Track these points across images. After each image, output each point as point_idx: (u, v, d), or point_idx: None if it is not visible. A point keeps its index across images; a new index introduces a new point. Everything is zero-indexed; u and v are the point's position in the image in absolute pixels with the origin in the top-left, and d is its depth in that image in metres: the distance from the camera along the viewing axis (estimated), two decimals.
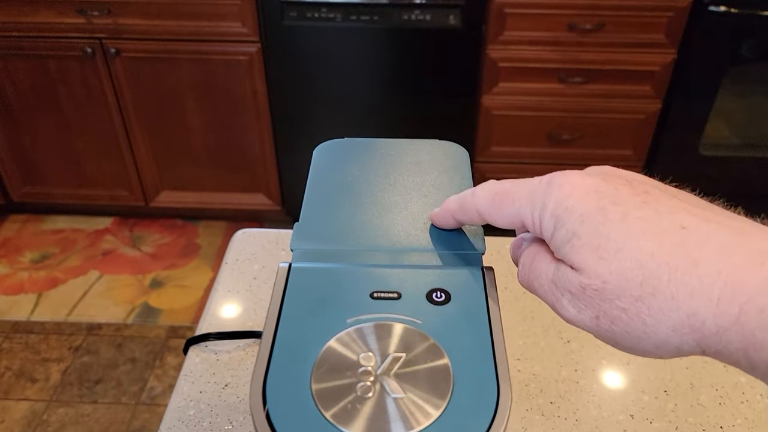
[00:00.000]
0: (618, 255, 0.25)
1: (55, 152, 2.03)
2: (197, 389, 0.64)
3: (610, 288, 0.26)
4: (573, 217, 0.27)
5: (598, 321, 0.27)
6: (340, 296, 0.32)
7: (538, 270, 0.30)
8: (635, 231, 0.25)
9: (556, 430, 0.60)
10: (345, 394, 0.27)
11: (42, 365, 1.76)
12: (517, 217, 0.30)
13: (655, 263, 0.25)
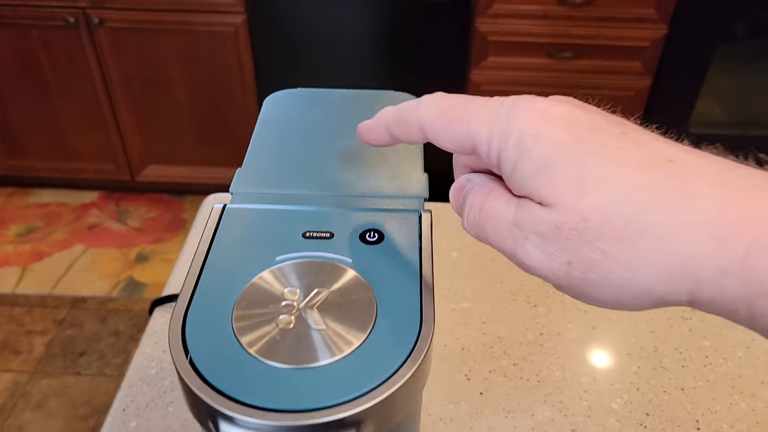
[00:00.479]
0: (601, 186, 0.22)
1: (39, 125, 2.01)
2: (160, 349, 0.63)
3: (590, 226, 0.22)
4: (543, 144, 0.23)
5: (570, 267, 0.23)
6: (271, 236, 0.31)
7: (492, 210, 0.26)
8: (619, 160, 0.22)
9: (517, 391, 0.60)
10: (266, 327, 0.26)
11: (26, 337, 1.75)
12: (468, 140, 0.25)
13: (644, 197, 0.21)
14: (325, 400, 0.24)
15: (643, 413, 0.59)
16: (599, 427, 0.57)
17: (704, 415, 0.58)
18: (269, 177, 0.36)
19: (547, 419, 0.58)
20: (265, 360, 0.25)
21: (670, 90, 1.89)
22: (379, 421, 0.25)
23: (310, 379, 0.25)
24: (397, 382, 0.25)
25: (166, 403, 0.58)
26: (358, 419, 0.24)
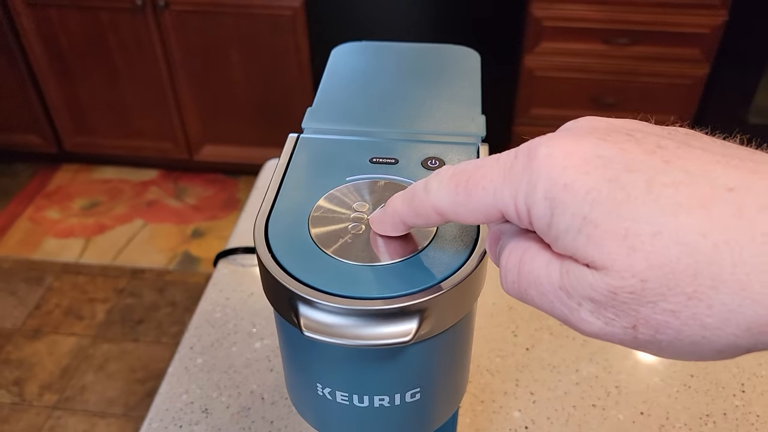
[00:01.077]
0: (656, 241, 0.19)
1: (105, 103, 2.11)
2: (224, 296, 0.68)
3: (651, 287, 0.19)
4: (578, 197, 0.20)
5: (636, 331, 0.20)
6: (341, 160, 0.34)
7: (533, 275, 0.22)
8: (671, 205, 0.19)
9: (563, 348, 0.62)
10: (339, 232, 0.30)
11: (89, 304, 1.85)
12: (493, 209, 0.23)
13: (710, 245, 0.18)
14: (389, 292, 0.27)
15: (687, 374, 0.60)
16: (642, 384, 0.59)
17: (750, 380, 0.59)
18: (337, 115, 0.39)
19: (592, 375, 0.60)
20: (339, 258, 0.28)
21: (730, 78, 1.85)
22: (437, 315, 0.27)
23: (377, 275, 0.28)
24: (455, 281, 0.27)
25: (229, 344, 0.63)
26: (420, 309, 0.27)
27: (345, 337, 0.26)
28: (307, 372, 0.31)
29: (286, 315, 0.28)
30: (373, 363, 0.29)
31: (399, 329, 0.26)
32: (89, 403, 1.59)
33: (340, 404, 0.31)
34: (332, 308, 0.26)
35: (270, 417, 0.56)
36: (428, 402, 0.32)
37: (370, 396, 0.30)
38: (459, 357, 0.32)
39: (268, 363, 0.61)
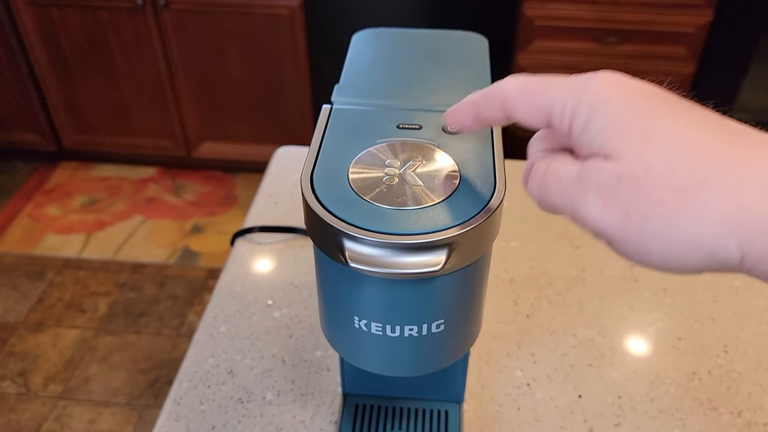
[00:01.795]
0: (667, 140, 0.23)
1: (104, 102, 2.14)
2: (243, 271, 0.72)
3: (652, 176, 0.23)
4: (615, 106, 0.25)
5: (627, 217, 0.24)
6: (372, 126, 0.39)
7: (557, 169, 0.27)
8: (685, 123, 0.24)
9: (561, 315, 0.67)
10: (375, 183, 0.34)
11: (90, 298, 1.88)
12: (545, 107, 0.27)
13: (708, 155, 0.23)
14: (423, 229, 0.31)
15: (676, 338, 0.65)
16: (634, 346, 0.64)
17: (732, 342, 0.64)
18: (363, 91, 0.44)
19: (588, 339, 0.64)
20: (376, 203, 0.33)
21: (715, 77, 1.91)
22: (462, 249, 0.32)
23: (411, 216, 0.32)
24: (477, 221, 0.32)
25: (250, 313, 0.67)
26: (448, 243, 0.31)
27: (384, 267, 0.31)
28: (346, 307, 0.36)
29: (332, 253, 0.33)
30: (406, 295, 0.34)
31: (431, 260, 0.31)
32: (93, 393, 1.62)
33: (374, 335, 0.36)
34: (374, 242, 0.31)
35: (291, 377, 0.61)
36: (450, 333, 0.37)
37: (401, 326, 0.35)
38: (476, 295, 0.37)
39: (287, 330, 0.65)
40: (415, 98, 0.43)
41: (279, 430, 0.56)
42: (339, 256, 0.32)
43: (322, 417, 0.57)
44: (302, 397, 0.59)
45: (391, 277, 0.32)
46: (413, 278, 0.33)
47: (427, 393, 0.55)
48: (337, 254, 0.32)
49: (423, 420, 0.54)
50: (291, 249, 0.75)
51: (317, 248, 0.35)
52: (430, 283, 0.33)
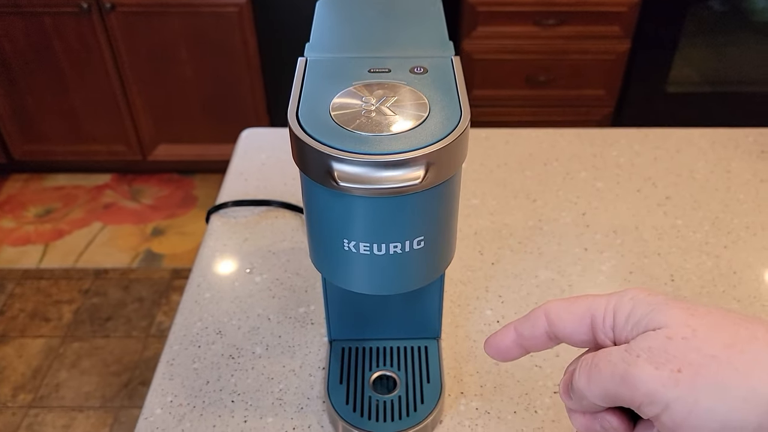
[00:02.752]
0: (709, 312, 0.26)
1: (53, 109, 2.12)
2: (221, 243, 0.75)
3: (700, 335, 0.25)
4: (655, 298, 0.28)
5: (680, 374, 0.25)
6: (346, 72, 0.43)
7: (605, 353, 0.28)
8: (726, 313, 0.26)
9: (523, 261, 0.72)
10: (354, 116, 0.38)
11: (54, 306, 1.86)
12: (588, 312, 0.29)
13: (747, 320, 0.25)
14: (403, 148, 0.36)
15: (627, 272, 0.71)
16: (591, 282, 0.70)
17: (677, 271, 0.71)
18: (332, 47, 0.48)
19: (549, 279, 0.70)
20: (358, 132, 0.37)
21: (648, 53, 2.02)
22: (437, 166, 0.37)
23: (391, 139, 0.37)
24: (448, 140, 0.37)
25: (232, 280, 0.70)
26: (426, 160, 0.36)
27: (370, 183, 0.35)
28: (335, 231, 0.40)
29: (322, 179, 0.37)
30: (390, 212, 0.38)
31: (411, 174, 0.36)
32: (65, 399, 1.61)
33: (362, 255, 0.40)
34: (360, 162, 0.35)
35: (278, 333, 0.64)
36: (429, 250, 0.41)
37: (387, 244, 0.39)
38: (450, 214, 0.42)
39: (270, 292, 0.69)
40: (381, 49, 0.47)
41: (271, 379, 0.60)
42: (329, 180, 0.36)
43: (311, 364, 0.61)
44: (290, 349, 0.63)
45: (376, 194, 0.36)
46: (396, 194, 0.37)
47: (407, 332, 0.60)
48: (327, 179, 0.37)
49: (405, 356, 0.58)
50: (266, 220, 0.78)
51: (308, 179, 0.39)
52: (410, 200, 0.38)
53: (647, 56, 2.02)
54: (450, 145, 0.37)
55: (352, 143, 0.36)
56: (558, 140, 0.92)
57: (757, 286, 0.69)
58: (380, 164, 0.35)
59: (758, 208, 0.79)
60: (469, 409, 0.57)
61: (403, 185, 0.36)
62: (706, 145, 0.91)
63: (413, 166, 0.36)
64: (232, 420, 0.56)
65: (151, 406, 0.57)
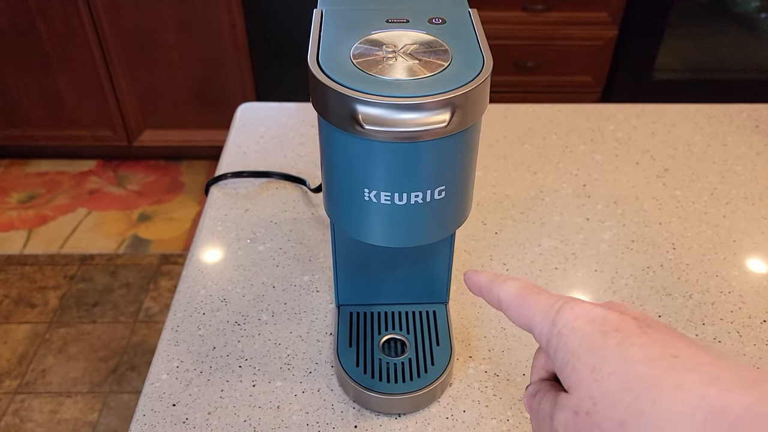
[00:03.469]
0: (610, 377, 0.25)
1: (36, 93, 2.08)
2: (222, 213, 0.74)
3: (599, 410, 0.25)
4: (575, 337, 0.27)
5: None
6: (363, 23, 0.43)
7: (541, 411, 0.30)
8: (629, 355, 0.26)
9: (526, 230, 0.73)
10: (375, 62, 0.38)
11: (39, 292, 1.83)
12: (528, 325, 0.31)
13: (642, 386, 0.24)
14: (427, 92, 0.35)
15: (629, 240, 0.71)
16: (593, 250, 0.70)
17: (678, 240, 0.71)
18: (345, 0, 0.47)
19: (552, 247, 0.70)
20: (382, 76, 0.37)
21: (635, 39, 2.03)
22: (462, 110, 0.36)
23: (415, 84, 0.36)
24: (474, 84, 0.36)
25: (234, 249, 0.69)
26: (452, 103, 0.36)
27: (396, 126, 0.35)
28: (356, 181, 0.40)
29: (345, 123, 0.37)
30: (413, 158, 0.38)
31: (437, 117, 0.35)
32: (52, 384, 1.58)
33: (383, 205, 0.40)
34: (385, 104, 0.35)
35: (283, 300, 0.64)
36: (449, 202, 0.41)
37: (408, 193, 0.39)
38: (470, 165, 0.42)
39: (273, 261, 0.68)
40: (396, 3, 0.46)
41: (278, 345, 0.59)
42: (353, 125, 0.36)
43: (318, 330, 0.61)
44: (296, 316, 0.62)
45: (400, 138, 0.36)
46: (420, 140, 0.37)
47: (415, 297, 0.60)
48: (350, 124, 0.36)
49: (414, 320, 0.58)
50: (266, 192, 0.78)
51: (328, 126, 0.39)
52: (434, 147, 0.38)
53: (634, 43, 2.04)
54: (476, 89, 0.36)
55: (377, 86, 0.36)
56: (556, 115, 0.92)
57: (757, 253, 0.70)
58: (406, 107, 0.35)
59: (755, 180, 0.80)
60: (478, 372, 0.57)
61: (429, 128, 0.35)
62: (701, 120, 0.92)
63: (439, 109, 0.35)
64: (240, 384, 0.56)
65: (157, 372, 0.57)
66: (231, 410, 0.54)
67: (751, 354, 0.59)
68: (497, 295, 0.33)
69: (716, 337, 0.60)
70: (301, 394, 0.55)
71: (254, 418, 0.53)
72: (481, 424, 0.53)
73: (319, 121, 0.40)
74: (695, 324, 0.62)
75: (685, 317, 0.62)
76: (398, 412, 0.54)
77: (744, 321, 0.62)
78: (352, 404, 0.54)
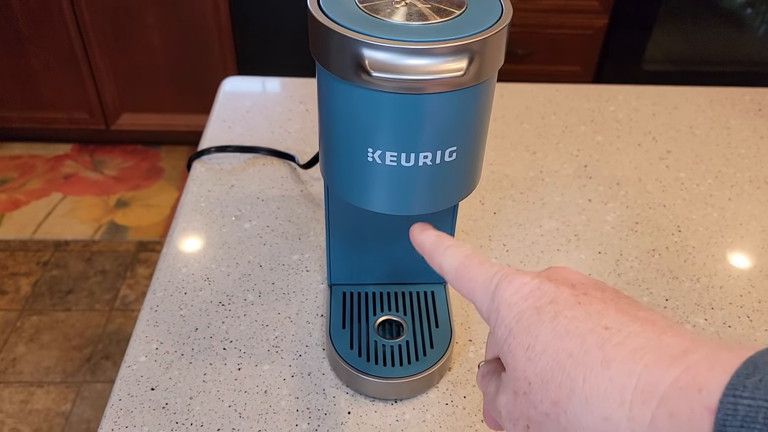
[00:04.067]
0: (543, 356, 0.25)
1: (9, 73, 2.00)
2: (206, 189, 0.70)
3: (534, 390, 0.25)
4: (511, 315, 0.27)
5: (529, 430, 0.25)
6: None
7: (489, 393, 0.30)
8: (561, 331, 0.25)
9: (526, 210, 0.69)
10: (383, 6, 0.34)
11: (11, 279, 1.77)
12: (470, 298, 0.30)
13: (572, 363, 0.23)
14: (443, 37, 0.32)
15: (633, 222, 0.68)
16: (597, 232, 0.67)
17: (683, 222, 0.69)
18: None
19: (553, 229, 0.67)
20: (391, 20, 0.33)
21: (625, 29, 2.01)
22: (479, 59, 0.33)
23: (429, 28, 0.32)
24: (493, 31, 0.33)
25: (219, 226, 0.65)
26: (470, 49, 0.32)
27: (407, 73, 0.31)
28: (359, 139, 0.36)
29: (349, 72, 0.33)
30: (423, 114, 0.34)
31: (454, 65, 0.31)
32: (24, 374, 1.52)
33: (388, 167, 0.36)
34: (395, 48, 0.31)
35: (271, 279, 0.60)
36: (459, 165, 0.37)
37: (417, 153, 0.35)
38: (483, 125, 0.38)
39: (260, 239, 0.64)
40: None
41: (265, 326, 0.55)
42: (358, 72, 0.32)
43: (308, 312, 0.57)
44: (284, 296, 0.58)
45: (411, 87, 0.32)
46: (432, 91, 0.33)
47: (412, 277, 0.56)
48: (355, 72, 0.32)
49: (411, 301, 0.55)
50: (253, 167, 0.73)
51: (329, 76, 0.35)
52: (446, 99, 0.34)
53: (624, 33, 2.02)
54: (495, 36, 0.33)
55: (385, 30, 0.32)
56: (554, 95, 0.89)
57: (764, 236, 0.67)
58: (419, 51, 0.31)
59: (760, 163, 0.78)
60: (478, 356, 0.54)
61: (444, 77, 0.32)
62: (704, 103, 0.89)
63: (456, 56, 0.32)
64: (224, 368, 0.52)
65: (135, 354, 0.52)
66: (215, 395, 0.50)
67: (763, 339, 0.56)
68: (439, 264, 0.32)
69: (726, 321, 0.58)
70: (290, 378, 0.51)
71: (240, 403, 0.49)
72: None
73: (319, 73, 0.36)
74: (704, 308, 0.59)
75: (693, 301, 0.60)
76: (395, 397, 0.50)
77: (754, 305, 0.59)
78: (345, 389, 0.51)
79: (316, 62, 0.36)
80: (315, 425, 0.48)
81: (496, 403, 0.28)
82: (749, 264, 0.64)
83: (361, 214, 0.50)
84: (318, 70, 0.36)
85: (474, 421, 0.49)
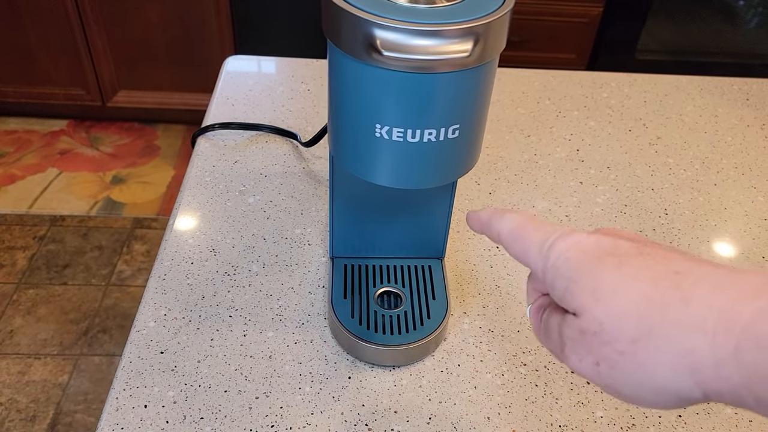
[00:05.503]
0: (613, 296, 0.25)
1: (6, 47, 2.00)
2: (210, 164, 0.72)
3: (607, 330, 0.26)
4: (570, 266, 0.28)
5: (599, 368, 0.26)
6: None
7: (548, 329, 0.30)
8: (630, 275, 0.26)
9: (519, 192, 0.72)
10: None
11: (7, 252, 1.78)
12: (524, 260, 0.31)
13: (649, 303, 0.25)
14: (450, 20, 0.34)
15: (622, 205, 0.71)
16: (587, 213, 0.70)
17: (670, 206, 0.72)
18: None
19: (546, 209, 0.70)
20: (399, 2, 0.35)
21: (619, 18, 2.03)
22: (484, 41, 0.35)
23: (436, 11, 0.35)
24: (497, 15, 0.35)
25: (224, 200, 0.67)
26: (475, 31, 0.34)
27: (416, 53, 0.33)
28: (367, 114, 0.38)
29: (359, 50, 0.35)
30: (429, 92, 0.36)
31: (460, 47, 0.34)
32: (21, 346, 1.55)
33: (394, 143, 0.38)
34: (406, 29, 0.33)
35: (274, 252, 0.62)
36: (461, 142, 0.40)
37: (422, 130, 0.38)
38: (485, 105, 0.40)
39: (264, 213, 0.66)
40: None
41: (269, 296, 0.58)
42: (369, 51, 0.34)
43: (310, 283, 0.59)
44: (287, 268, 0.61)
45: (419, 66, 0.35)
46: (439, 71, 0.35)
47: (411, 252, 0.58)
48: (367, 51, 0.34)
49: (410, 274, 0.57)
50: (256, 144, 0.75)
51: (340, 54, 0.37)
52: (452, 79, 0.36)
53: (618, 22, 2.04)
54: (498, 20, 0.35)
55: (396, 12, 0.34)
56: (549, 81, 0.92)
57: (747, 221, 0.70)
58: (428, 32, 0.33)
59: (745, 150, 0.81)
60: (473, 328, 0.57)
61: (450, 57, 0.34)
62: (693, 92, 0.92)
63: (462, 38, 0.34)
64: (230, 334, 0.54)
65: (144, 319, 0.55)
66: (221, 359, 0.52)
67: None
68: (497, 230, 0.33)
69: None
70: (293, 344, 0.54)
71: (245, 367, 0.52)
72: (476, 378, 0.53)
73: (330, 51, 0.39)
74: None
75: None
76: (392, 364, 0.53)
77: None
78: (346, 356, 0.53)
79: (327, 41, 0.38)
80: (317, 388, 0.51)
81: (562, 336, 0.28)
82: (732, 247, 0.67)
83: (364, 188, 0.52)
84: (329, 49, 0.39)
85: (467, 388, 0.52)
